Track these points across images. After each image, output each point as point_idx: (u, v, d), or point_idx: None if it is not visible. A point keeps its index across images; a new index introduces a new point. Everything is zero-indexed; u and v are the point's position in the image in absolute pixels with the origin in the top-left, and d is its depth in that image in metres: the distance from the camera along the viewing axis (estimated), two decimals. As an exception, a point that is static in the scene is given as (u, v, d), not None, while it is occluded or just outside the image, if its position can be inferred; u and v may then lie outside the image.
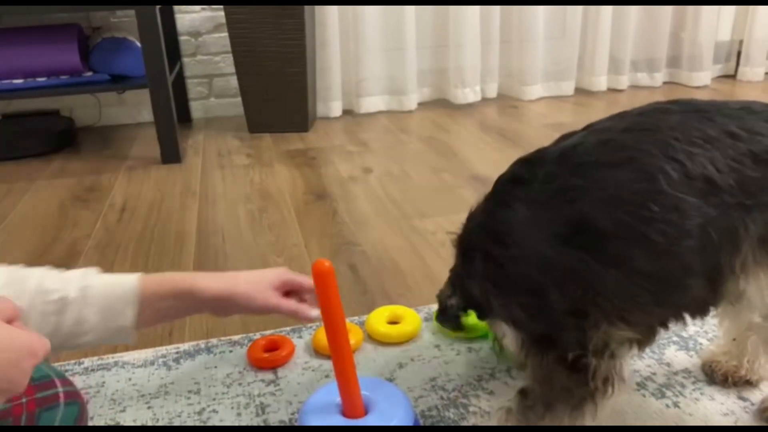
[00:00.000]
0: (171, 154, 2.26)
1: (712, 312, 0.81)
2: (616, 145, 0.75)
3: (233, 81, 2.82)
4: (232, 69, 2.69)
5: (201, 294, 0.89)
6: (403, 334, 1.14)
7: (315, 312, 0.93)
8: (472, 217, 0.86)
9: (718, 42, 3.18)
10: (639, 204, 0.71)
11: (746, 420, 0.93)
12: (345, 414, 0.82)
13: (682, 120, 0.74)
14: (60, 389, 0.82)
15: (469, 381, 1.04)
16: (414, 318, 1.18)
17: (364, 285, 1.37)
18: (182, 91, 2.80)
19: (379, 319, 1.17)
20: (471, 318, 0.91)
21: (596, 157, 0.75)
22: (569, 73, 3.06)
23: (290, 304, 0.95)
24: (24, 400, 0.77)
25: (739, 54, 3.28)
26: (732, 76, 3.30)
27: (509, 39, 2.97)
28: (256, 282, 0.93)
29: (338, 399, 0.84)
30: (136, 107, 2.84)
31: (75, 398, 0.84)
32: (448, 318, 0.91)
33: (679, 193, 0.70)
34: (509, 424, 0.83)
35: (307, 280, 0.96)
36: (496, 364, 1.07)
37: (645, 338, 0.79)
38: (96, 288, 0.84)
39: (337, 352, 0.80)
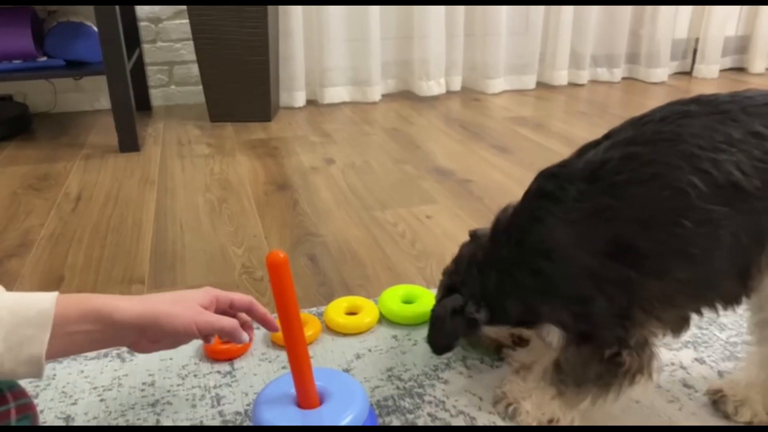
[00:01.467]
0: (129, 143, 2.21)
1: (743, 302, 0.85)
2: (643, 161, 0.77)
3: (194, 69, 2.78)
4: (193, 56, 2.65)
5: (121, 317, 0.76)
6: (361, 325, 1.15)
7: (245, 336, 0.84)
8: (499, 233, 0.91)
9: (675, 40, 3.26)
10: (672, 222, 0.75)
11: (691, 406, 0.96)
12: (300, 405, 0.83)
13: (705, 124, 0.75)
14: (12, 404, 0.79)
15: (425, 371, 1.05)
16: (372, 309, 1.18)
17: (324, 276, 1.37)
18: (142, 78, 2.75)
19: (337, 310, 1.18)
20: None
21: (626, 176, 0.77)
22: (531, 68, 3.10)
23: (224, 320, 0.83)
24: None
25: (695, 52, 3.37)
26: (688, 73, 3.39)
27: (473, 33, 2.99)
28: (181, 300, 0.82)
29: (292, 390, 0.84)
30: (94, 94, 2.78)
31: (26, 411, 0.82)
32: (470, 332, 0.96)
33: (709, 205, 0.73)
34: (543, 382, 0.90)
35: (238, 297, 0.88)
36: (451, 355, 1.09)
37: (678, 328, 0.85)
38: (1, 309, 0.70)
39: (291, 344, 0.80)
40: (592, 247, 0.79)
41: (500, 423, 0.94)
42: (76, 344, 0.76)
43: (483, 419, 0.95)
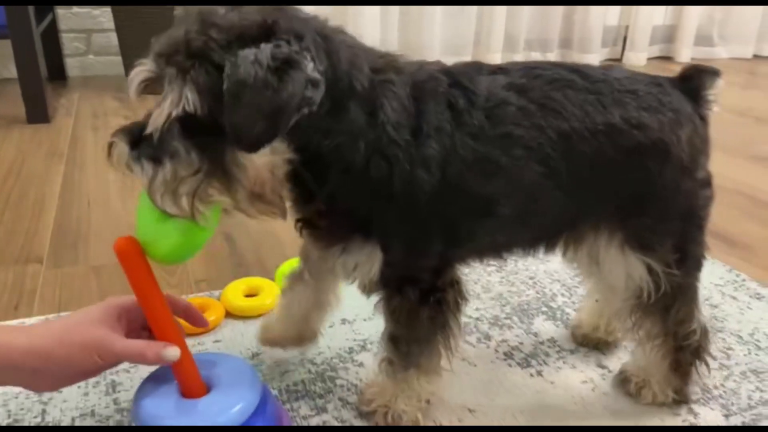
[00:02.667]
0: (37, 113, 2.06)
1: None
2: (533, 123, 0.76)
3: (114, 37, 2.62)
4: (112, 24, 2.49)
5: (4, 358, 0.67)
6: (262, 306, 1.09)
7: (173, 352, 0.72)
8: None
9: (606, 26, 3.31)
10: (527, 196, 0.79)
11: (604, 387, 0.96)
12: (183, 394, 0.75)
13: (582, 102, 0.77)
14: None
15: (339, 353, 1.01)
16: (273, 289, 1.13)
17: (240, 257, 1.31)
18: (55, 45, 2.57)
19: (235, 292, 1.12)
20: None
21: (519, 132, 0.76)
22: (466, 49, 3.08)
23: (131, 347, 0.71)
24: None
25: (625, 39, 3.43)
26: (618, 60, 3.45)
27: (408, 11, 2.95)
28: (74, 331, 0.70)
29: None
30: (1, 61, 2.58)
31: None
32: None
33: (555, 190, 0.77)
34: (395, 374, 0.84)
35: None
36: (368, 336, 1.05)
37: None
38: None
39: (161, 335, 0.73)
40: (458, 190, 0.75)
41: (413, 406, 0.91)
42: None
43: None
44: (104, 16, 2.64)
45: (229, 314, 1.09)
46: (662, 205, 0.81)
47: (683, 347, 0.88)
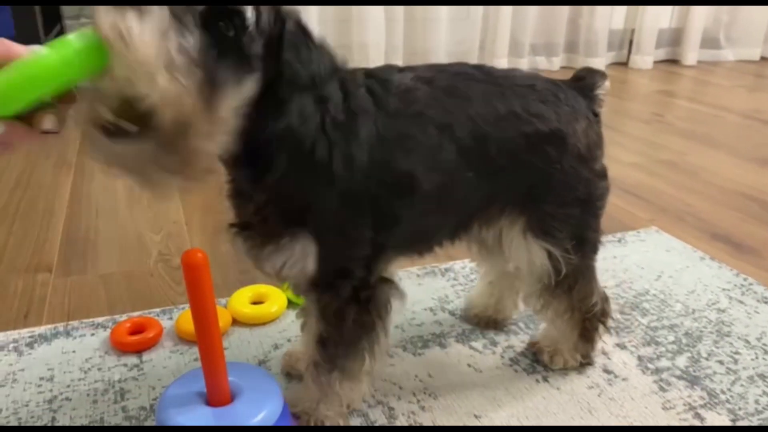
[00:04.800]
0: (46, 123, 2.08)
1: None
2: (444, 107, 0.81)
3: (122, 47, 2.64)
4: (119, 34, 2.51)
5: None
6: (268, 314, 1.10)
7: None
8: None
9: (612, 30, 3.30)
10: (445, 174, 0.81)
11: (611, 392, 0.96)
12: (210, 402, 0.77)
13: (485, 92, 0.83)
14: None
15: (346, 360, 1.02)
16: (279, 296, 1.13)
17: (247, 264, 1.30)
18: (64, 55, 2.59)
19: (241, 300, 1.12)
20: None
21: (431, 113, 0.80)
22: (471, 54, 3.08)
23: None
24: None
25: (631, 42, 3.43)
26: (624, 64, 3.45)
27: (413, 17, 2.95)
28: None
29: (199, 387, 0.78)
30: (11, 71, 2.61)
31: None
32: None
33: (465, 170, 0.81)
34: (320, 376, 0.85)
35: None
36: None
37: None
38: None
39: (207, 344, 0.74)
40: (384, 169, 0.77)
41: (419, 413, 0.91)
42: None
43: (402, 408, 0.92)
44: (112, 26, 2.66)
45: (235, 321, 1.10)
46: (562, 192, 0.87)
47: (588, 318, 0.97)
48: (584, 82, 0.91)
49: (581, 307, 0.95)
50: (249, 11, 0.62)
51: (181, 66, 0.57)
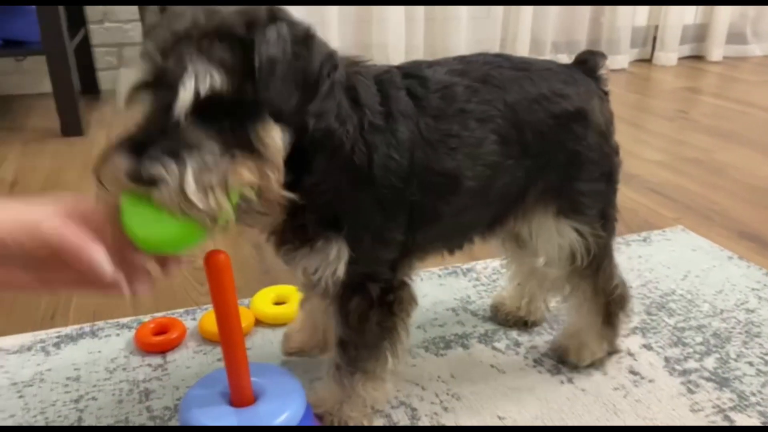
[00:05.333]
0: (72, 127, 2.11)
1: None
2: (482, 99, 0.81)
3: (145, 51, 2.67)
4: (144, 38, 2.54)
5: None
6: (291, 314, 1.10)
7: (105, 262, 0.60)
8: None
9: (635, 27, 3.26)
10: (486, 165, 0.82)
11: (637, 394, 0.94)
12: (233, 403, 0.77)
13: (514, 78, 0.84)
14: None
15: (368, 361, 1.01)
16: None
17: (268, 264, 1.32)
18: (88, 60, 2.63)
19: (264, 300, 1.13)
20: None
21: (472, 107, 0.81)
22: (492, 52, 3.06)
23: (83, 241, 0.59)
24: None
25: (654, 39, 3.38)
26: (648, 61, 3.40)
27: (433, 17, 2.94)
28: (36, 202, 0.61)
29: (222, 388, 0.78)
30: (37, 75, 2.65)
31: None
32: None
33: (506, 158, 0.82)
34: (342, 378, 0.85)
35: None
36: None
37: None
38: None
39: (229, 344, 0.74)
40: (426, 171, 0.78)
41: (442, 414, 0.90)
42: None
43: (425, 409, 0.91)
44: (135, 30, 2.69)
45: (258, 322, 1.10)
46: (590, 167, 0.89)
47: (611, 301, 0.98)
48: (587, 65, 0.93)
49: (605, 289, 0.96)
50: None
51: (219, 180, 0.62)
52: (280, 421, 0.75)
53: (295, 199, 0.68)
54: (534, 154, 0.85)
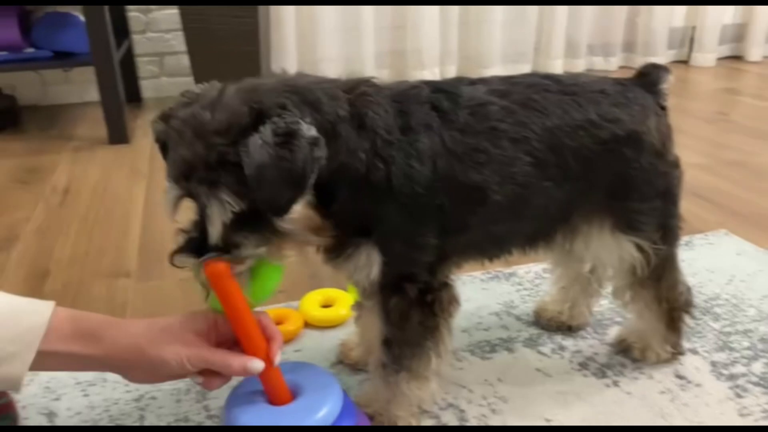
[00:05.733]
0: (118, 135, 2.19)
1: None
2: (517, 120, 0.83)
3: (185, 59, 2.73)
4: (184, 47, 2.61)
5: (111, 345, 0.74)
6: (338, 317, 1.13)
7: (257, 365, 0.76)
8: None
9: (672, 28, 3.23)
10: (517, 184, 0.84)
11: (684, 398, 0.95)
12: (270, 401, 0.79)
13: (559, 102, 0.85)
14: None
15: (415, 363, 1.04)
16: (347, 300, 1.16)
17: (313, 268, 1.35)
18: (131, 69, 2.71)
19: (312, 303, 1.16)
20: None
21: (504, 126, 0.83)
22: (526, 56, 3.06)
23: (217, 355, 0.76)
24: None
25: (692, 40, 3.34)
26: (685, 62, 3.36)
27: (468, 21, 2.96)
28: (172, 330, 0.76)
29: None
30: (83, 85, 2.74)
31: (7, 411, 0.80)
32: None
33: (542, 180, 0.84)
34: (388, 376, 0.87)
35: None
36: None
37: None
38: None
39: (249, 349, 0.76)
40: (451, 181, 0.80)
41: (490, 416, 0.92)
42: (60, 364, 0.74)
43: (473, 411, 0.93)
44: (176, 39, 2.77)
45: (306, 324, 1.13)
46: (643, 188, 0.90)
47: (675, 308, 0.99)
48: (649, 78, 0.93)
49: (669, 297, 0.97)
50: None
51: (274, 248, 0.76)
52: (316, 419, 0.76)
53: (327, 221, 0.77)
54: (576, 177, 0.85)
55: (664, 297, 0.97)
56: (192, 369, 0.75)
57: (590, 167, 0.86)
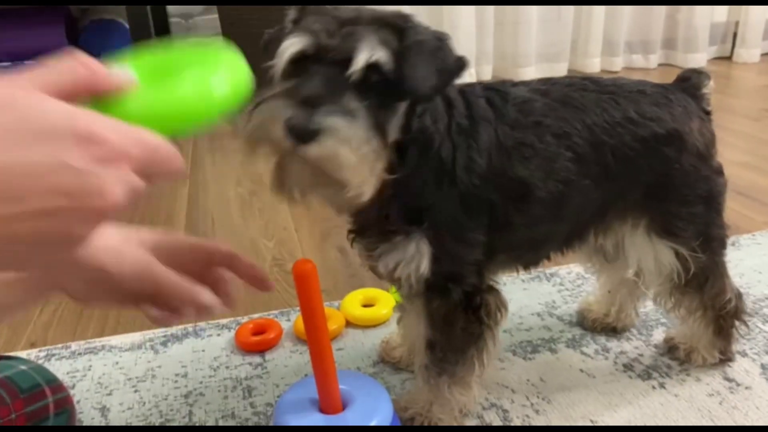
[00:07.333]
0: (161, 138, 2.24)
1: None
2: (558, 116, 0.84)
3: (225, 64, 2.79)
4: (223, 51, 2.66)
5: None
6: (379, 316, 1.14)
7: (210, 299, 0.64)
8: None
9: (713, 23, 3.15)
10: (560, 180, 0.83)
11: (733, 401, 0.93)
12: (322, 410, 0.79)
13: (598, 101, 0.85)
14: (50, 399, 0.80)
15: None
16: (388, 299, 1.17)
17: (354, 268, 1.36)
18: (173, 73, 2.77)
19: (353, 302, 1.17)
20: None
21: (548, 121, 0.83)
22: (563, 56, 3.03)
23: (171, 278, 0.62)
24: (13, 415, 0.75)
25: (735, 35, 3.26)
26: (728, 58, 3.28)
27: (503, 21, 2.94)
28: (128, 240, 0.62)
29: (313, 394, 0.79)
30: (127, 90, 2.81)
31: (65, 405, 0.83)
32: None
33: (582, 178, 0.83)
34: (429, 380, 0.87)
35: (214, 247, 0.70)
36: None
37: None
38: None
39: (317, 351, 0.76)
40: (501, 176, 0.80)
41: (534, 416, 0.92)
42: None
43: (516, 411, 0.93)
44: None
45: (348, 323, 1.15)
46: (683, 191, 0.88)
47: (722, 315, 0.96)
48: (690, 83, 0.92)
49: (714, 305, 0.95)
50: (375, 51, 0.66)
51: (367, 152, 0.65)
52: (372, 425, 0.75)
53: (388, 187, 0.71)
54: (615, 175, 0.85)
55: (709, 305, 0.95)
56: (136, 285, 0.61)
57: (630, 166, 0.85)
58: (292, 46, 0.67)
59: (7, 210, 0.35)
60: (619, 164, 0.84)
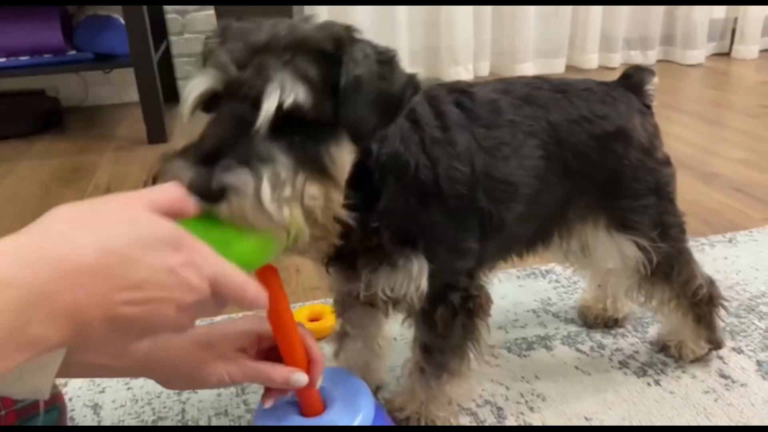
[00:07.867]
0: (157, 135, 2.23)
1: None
2: (527, 114, 0.85)
3: (221, 60, 2.78)
4: (220, 48, 2.65)
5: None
6: (324, 329, 1.10)
7: (300, 377, 0.70)
8: None
9: (712, 20, 3.15)
10: (531, 177, 0.84)
11: (729, 398, 0.93)
12: (303, 413, 0.75)
13: (553, 99, 0.86)
14: None
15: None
16: (331, 314, 1.13)
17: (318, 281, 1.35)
18: (170, 70, 2.76)
19: (300, 317, 1.13)
20: None
21: (519, 119, 0.84)
22: (560, 51, 3.03)
23: (262, 369, 0.70)
24: (3, 412, 0.74)
25: (733, 32, 3.25)
26: (726, 54, 3.28)
27: (501, 17, 2.94)
28: (213, 345, 0.71)
29: (292, 396, 0.76)
30: (123, 87, 2.80)
31: (55, 402, 0.82)
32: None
33: (550, 175, 0.84)
34: (428, 381, 0.86)
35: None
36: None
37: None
38: None
39: (288, 356, 0.71)
40: (487, 178, 0.80)
41: (528, 413, 0.92)
42: (89, 372, 0.74)
43: (511, 408, 0.93)
44: (212, 40, 2.81)
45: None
46: (633, 184, 0.90)
47: (697, 302, 0.97)
48: (633, 80, 0.94)
49: (685, 292, 0.96)
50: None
51: (293, 193, 0.58)
52: (356, 423, 0.73)
53: (350, 223, 0.66)
54: (574, 173, 0.86)
55: (680, 293, 0.96)
56: (232, 383, 0.72)
57: (587, 163, 0.87)
58: (196, 87, 0.60)
59: (128, 296, 0.47)
60: (577, 161, 0.86)
